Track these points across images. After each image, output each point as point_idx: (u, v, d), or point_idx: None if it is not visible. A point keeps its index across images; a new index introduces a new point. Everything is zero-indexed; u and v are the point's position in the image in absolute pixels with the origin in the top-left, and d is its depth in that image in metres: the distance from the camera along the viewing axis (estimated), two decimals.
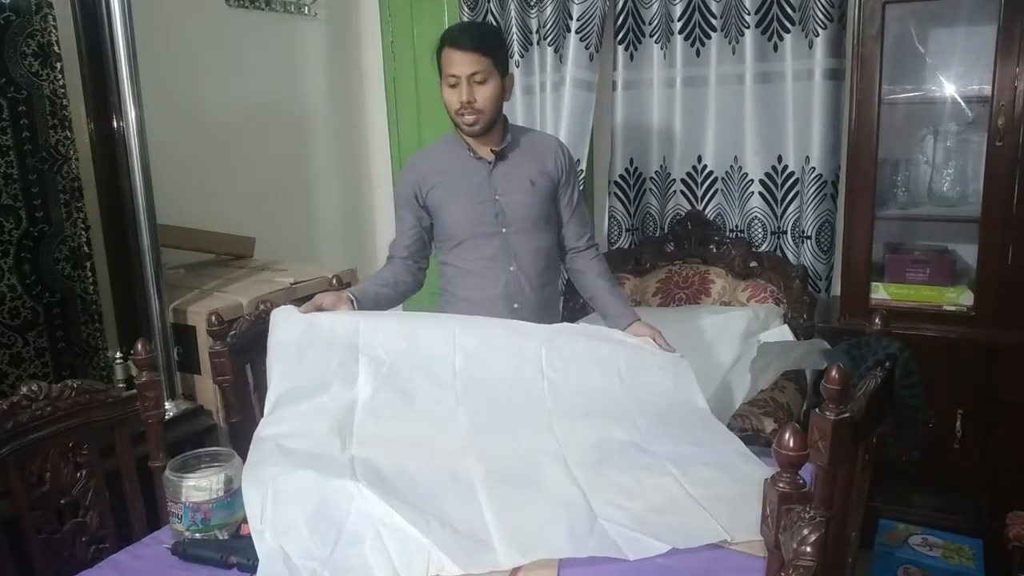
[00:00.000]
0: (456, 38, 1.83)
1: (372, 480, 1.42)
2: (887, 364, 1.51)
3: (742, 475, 1.50)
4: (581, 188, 2.17)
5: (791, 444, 1.08)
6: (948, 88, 2.34)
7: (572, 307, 2.74)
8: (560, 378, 1.75)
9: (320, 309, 1.75)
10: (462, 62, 1.81)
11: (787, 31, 2.52)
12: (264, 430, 1.56)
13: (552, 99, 2.86)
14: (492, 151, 1.93)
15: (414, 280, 1.99)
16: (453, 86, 1.83)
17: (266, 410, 1.61)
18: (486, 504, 1.41)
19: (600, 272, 2.03)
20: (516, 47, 2.89)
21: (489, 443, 1.59)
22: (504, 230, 1.93)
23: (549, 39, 2.83)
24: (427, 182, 1.94)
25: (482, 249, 1.94)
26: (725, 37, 2.64)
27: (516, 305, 1.95)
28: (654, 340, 1.86)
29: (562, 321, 2.04)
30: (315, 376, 1.64)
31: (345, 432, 1.57)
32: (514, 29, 2.89)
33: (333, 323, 1.72)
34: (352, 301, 1.80)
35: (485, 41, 1.85)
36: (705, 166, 2.78)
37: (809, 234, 2.61)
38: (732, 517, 1.35)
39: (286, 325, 1.69)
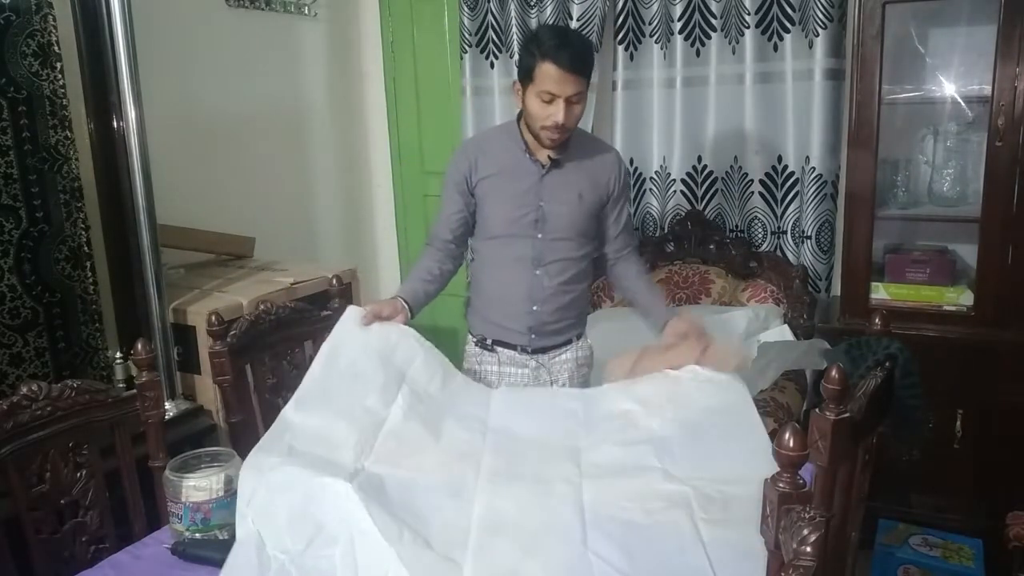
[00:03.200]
0: (563, 60, 1.71)
1: (367, 488, 1.37)
2: (887, 364, 1.50)
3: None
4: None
5: (791, 444, 1.07)
6: (948, 88, 2.35)
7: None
8: (592, 445, 1.67)
9: (379, 317, 1.78)
10: (565, 83, 1.73)
11: (787, 31, 2.52)
12: (291, 414, 1.55)
13: None
14: (549, 157, 1.88)
15: (455, 265, 1.99)
16: (548, 103, 1.76)
17: (304, 384, 1.60)
18: (475, 529, 1.35)
19: (639, 272, 2.04)
20: (516, 47, 2.89)
21: (503, 486, 1.50)
22: (539, 236, 1.90)
23: None
24: (479, 171, 1.91)
25: (512, 248, 1.92)
26: (725, 37, 2.64)
27: (535, 307, 1.93)
28: (694, 340, 1.81)
29: (583, 325, 2.04)
30: (359, 381, 1.66)
31: (364, 446, 1.53)
32: (514, 29, 2.89)
33: (397, 345, 1.76)
34: (406, 310, 1.83)
35: (589, 64, 1.80)
36: (705, 166, 2.78)
37: (809, 234, 2.61)
38: (737, 569, 1.26)
39: (356, 326, 1.74)
